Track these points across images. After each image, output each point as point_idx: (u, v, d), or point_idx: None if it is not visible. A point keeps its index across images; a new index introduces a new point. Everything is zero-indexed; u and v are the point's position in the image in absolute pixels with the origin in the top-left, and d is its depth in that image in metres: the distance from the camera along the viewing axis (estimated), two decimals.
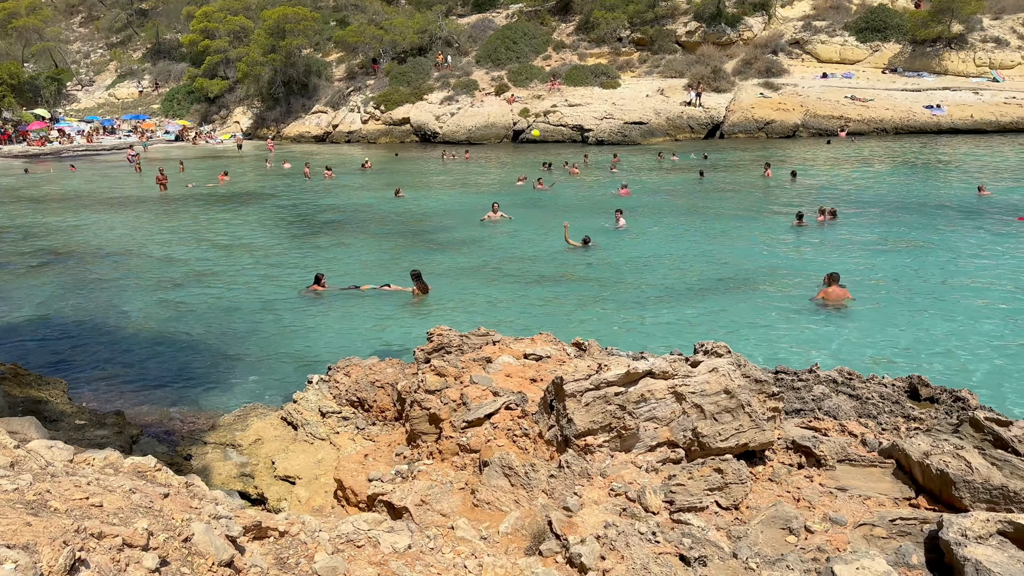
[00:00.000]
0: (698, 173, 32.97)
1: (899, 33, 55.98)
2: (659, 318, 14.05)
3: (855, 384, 7.44)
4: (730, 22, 60.35)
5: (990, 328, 13.08)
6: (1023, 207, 23.32)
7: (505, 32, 63.56)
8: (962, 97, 48.86)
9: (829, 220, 21.74)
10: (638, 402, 5.29)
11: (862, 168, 34.10)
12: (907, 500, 5.22)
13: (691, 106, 51.66)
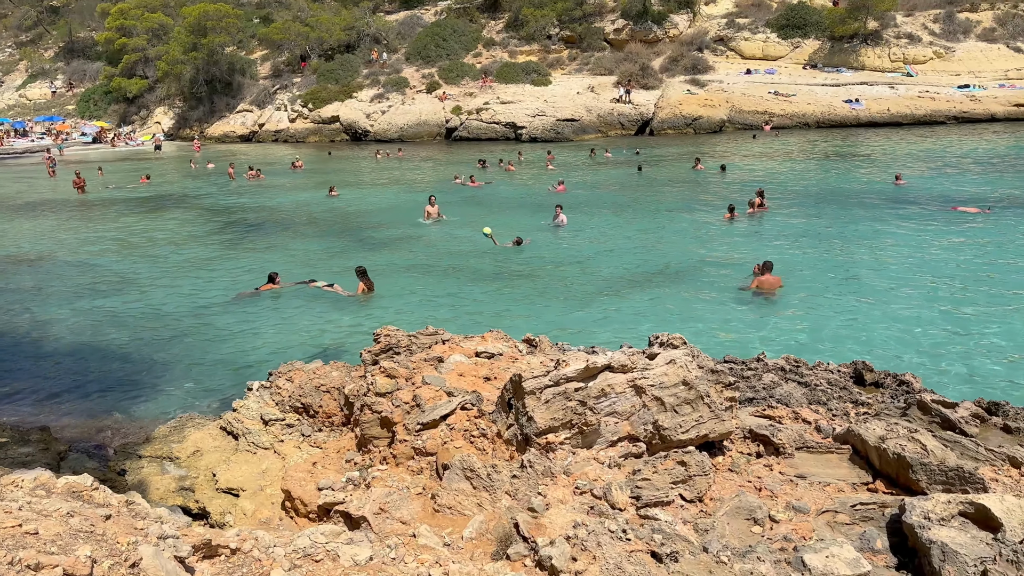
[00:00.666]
0: (636, 168, 33.38)
1: (818, 30, 57.78)
2: (603, 311, 14.06)
3: (803, 371, 7.53)
4: (656, 20, 61.26)
5: (913, 312, 13.51)
6: (936, 195, 24.32)
7: (434, 29, 63.13)
8: (879, 91, 50.75)
9: (758, 211, 22.24)
10: (598, 397, 5.20)
11: (787, 161, 35.04)
12: (865, 485, 5.26)
13: (621, 103, 52.25)
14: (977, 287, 14.82)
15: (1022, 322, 12.79)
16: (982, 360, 11.37)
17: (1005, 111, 47.38)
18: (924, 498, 4.48)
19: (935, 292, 14.62)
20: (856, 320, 13.23)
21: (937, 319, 13.14)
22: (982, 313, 13.32)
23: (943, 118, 47.64)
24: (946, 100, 49.02)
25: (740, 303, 14.40)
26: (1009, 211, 21.50)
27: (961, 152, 35.17)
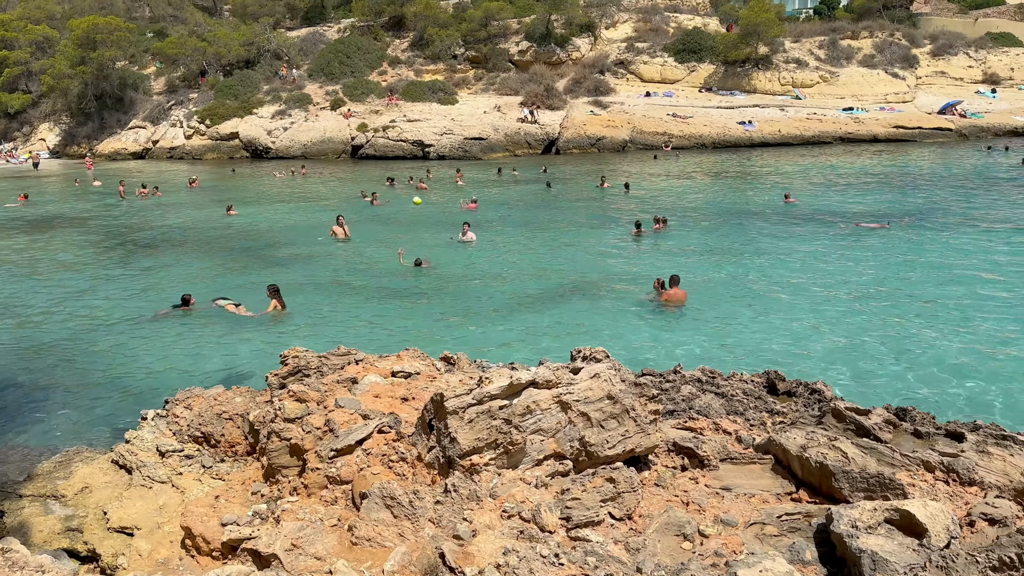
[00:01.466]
0: (545, 184, 33.65)
1: (712, 54, 60.09)
2: (517, 328, 13.94)
3: (718, 382, 7.57)
4: (559, 42, 62.34)
5: (813, 322, 14.00)
6: (824, 211, 25.52)
7: (338, 46, 62.25)
8: (770, 114, 53.10)
9: (663, 228, 22.74)
10: (524, 414, 5.01)
11: (687, 180, 36.10)
12: (789, 495, 5.26)
13: (527, 123, 52.77)
14: (874, 298, 15.49)
15: (920, 330, 13.40)
16: (880, 367, 11.82)
17: (886, 132, 50.35)
18: (850, 506, 4.48)
19: (832, 303, 15.20)
20: (759, 331, 13.58)
21: (837, 328, 13.63)
22: (881, 322, 13.90)
23: (830, 139, 50.20)
24: (832, 122, 51.71)
25: (649, 317, 14.57)
26: (907, 225, 22.73)
27: (847, 171, 37.10)
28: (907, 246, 20.12)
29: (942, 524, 4.21)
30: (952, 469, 5.36)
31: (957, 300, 15.08)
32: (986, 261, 18.24)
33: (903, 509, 4.30)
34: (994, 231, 21.59)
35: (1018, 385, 10.91)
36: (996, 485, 5.35)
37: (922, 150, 45.64)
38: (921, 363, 11.90)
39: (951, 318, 13.99)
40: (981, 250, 19.37)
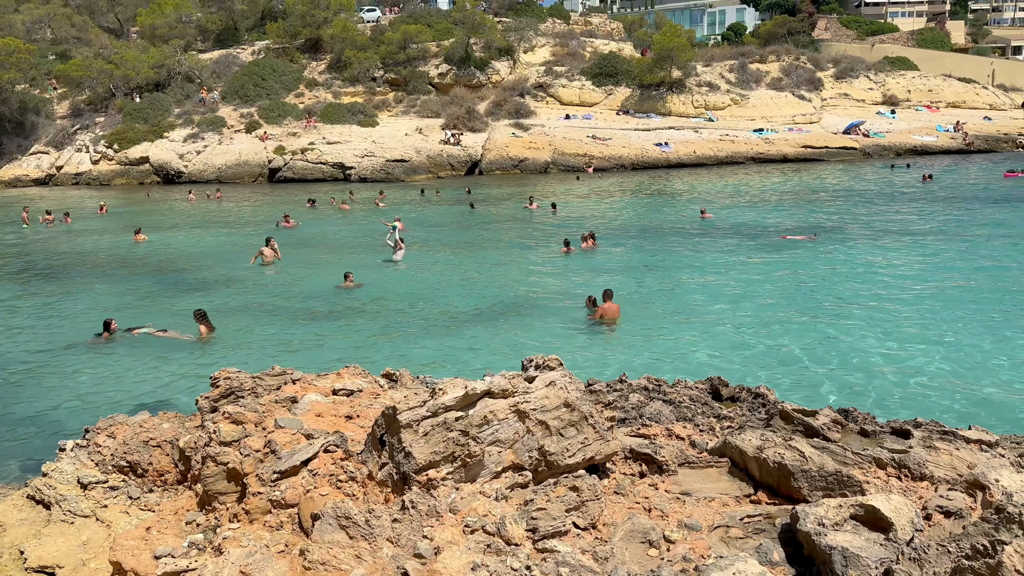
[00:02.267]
0: (469, 205, 33.59)
1: (628, 78, 61.56)
2: (451, 345, 13.73)
3: (665, 389, 7.54)
4: (479, 66, 62.78)
5: (736, 329, 14.31)
6: (737, 226, 26.34)
7: (252, 68, 61.03)
8: (685, 135, 54.65)
9: (591, 245, 22.97)
10: (481, 425, 4.82)
11: (611, 199, 36.71)
12: (748, 497, 5.22)
13: (449, 144, 52.77)
14: (798, 305, 15.93)
15: (845, 335, 13.81)
16: (809, 371, 12.11)
17: (795, 152, 52.47)
18: (815, 504, 4.46)
19: (759, 311, 15.56)
20: (691, 341, 13.77)
21: (765, 335, 13.93)
22: (808, 328, 14.27)
23: (742, 159, 51.97)
24: (744, 143, 53.57)
25: (583, 332, 14.59)
26: (827, 238, 23.55)
27: (759, 188, 38.44)
28: (827, 256, 20.86)
29: (907, 517, 4.22)
30: (903, 465, 5.43)
31: (877, 305, 15.65)
32: (900, 268, 19.04)
33: (868, 504, 4.29)
34: (908, 240, 22.61)
35: (939, 382, 11.33)
36: (945, 479, 5.45)
37: (830, 168, 47.71)
38: (850, 366, 12.24)
39: (873, 322, 14.50)
40: (896, 258, 20.24)
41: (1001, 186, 35.92)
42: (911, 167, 45.19)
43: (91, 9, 70.46)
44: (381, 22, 71.67)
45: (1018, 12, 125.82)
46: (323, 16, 63.85)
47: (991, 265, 19.28)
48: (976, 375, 11.74)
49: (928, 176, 38.74)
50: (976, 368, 12.02)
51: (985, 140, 55.95)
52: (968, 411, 10.33)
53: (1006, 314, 14.80)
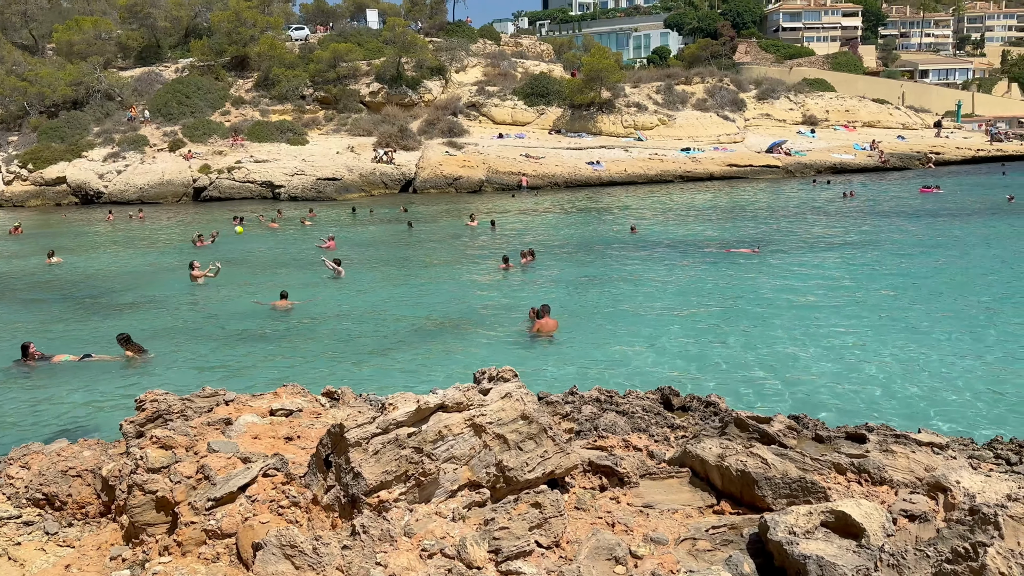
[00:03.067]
0: (406, 224, 33.19)
1: (559, 98, 62.22)
2: (392, 363, 13.36)
3: (617, 400, 7.39)
4: (411, 85, 62.55)
5: (676, 339, 14.38)
6: (668, 241, 26.76)
7: (176, 86, 59.36)
8: (616, 154, 55.44)
9: (530, 260, 22.92)
10: (435, 441, 4.54)
11: (546, 216, 36.83)
12: (710, 507, 5.06)
13: (383, 163, 52.24)
14: (731, 315, 16.10)
15: (783, 342, 13.97)
16: (753, 378, 12.17)
17: (721, 170, 53.75)
18: (784, 512, 4.32)
19: (695, 321, 15.67)
20: (632, 353, 13.72)
21: (704, 344, 13.99)
22: (745, 335, 14.40)
23: (671, 177, 52.96)
24: (672, 162, 54.63)
25: (524, 347, 14.41)
26: (764, 251, 23.99)
27: (688, 205, 39.20)
28: (761, 268, 21.24)
29: (877, 523, 4.12)
30: (863, 469, 5.37)
31: (810, 313, 15.94)
32: (831, 278, 19.50)
33: (838, 511, 4.18)
34: (836, 252, 23.21)
35: (880, 388, 11.52)
36: (904, 482, 5.40)
37: (755, 186, 49.01)
38: (787, 372, 12.36)
39: (807, 330, 14.73)
40: (826, 269, 20.73)
41: (917, 201, 37.46)
42: (831, 184, 46.79)
43: (3, 25, 67.49)
44: (310, 40, 70.79)
45: (924, 38, 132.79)
46: (249, 34, 62.69)
47: (914, 274, 19.94)
48: (909, 379, 11.99)
49: (851, 193, 40.16)
50: (909, 372, 12.29)
51: (899, 158, 58.43)
52: (906, 412, 10.49)
53: (933, 320, 15.26)
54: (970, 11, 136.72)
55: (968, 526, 3.70)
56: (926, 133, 69.93)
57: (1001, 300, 16.97)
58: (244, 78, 63.24)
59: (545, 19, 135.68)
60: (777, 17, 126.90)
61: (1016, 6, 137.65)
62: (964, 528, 3.69)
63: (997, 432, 9.65)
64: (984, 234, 26.79)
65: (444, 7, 78.39)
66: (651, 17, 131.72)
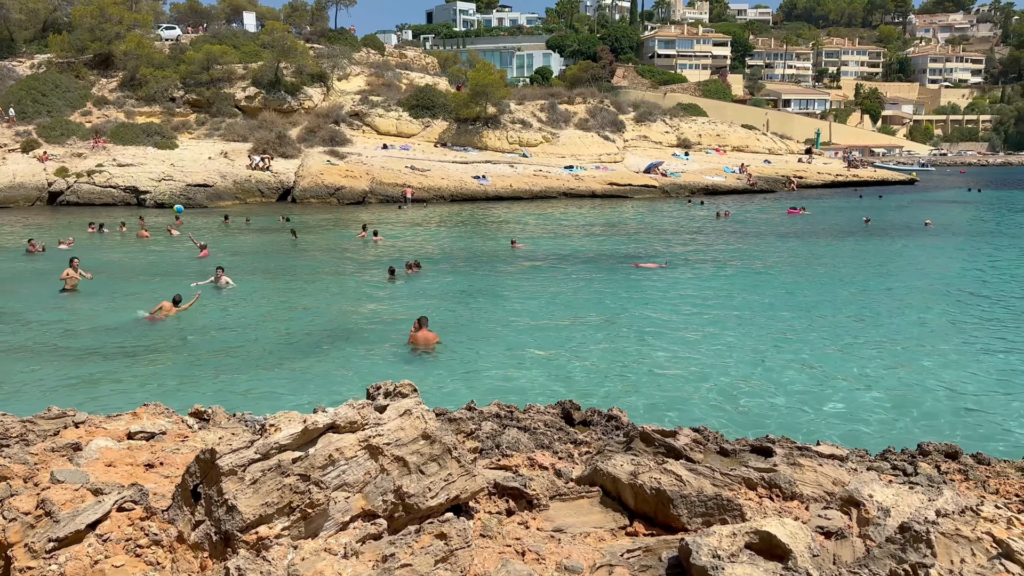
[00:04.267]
0: (290, 233, 31.85)
1: (445, 112, 61.95)
2: (271, 379, 12.49)
3: (517, 416, 7.02)
4: (290, 90, 60.66)
5: (562, 352, 14.25)
6: (546, 254, 26.94)
7: (31, 83, 55.02)
8: (501, 169, 55.63)
9: (416, 271, 22.39)
10: (325, 467, 3.99)
11: (432, 228, 36.34)
12: (623, 529, 4.74)
13: (259, 170, 50.17)
14: (614, 328, 16.14)
15: (667, 353, 14.05)
16: (641, 389, 12.11)
17: (603, 188, 54.92)
18: (706, 534, 4.04)
19: (582, 331, 15.61)
20: (519, 365, 13.44)
21: (587, 357, 13.89)
22: (632, 348, 14.41)
23: (555, 193, 53.62)
24: (556, 178, 55.37)
25: (410, 360, 13.85)
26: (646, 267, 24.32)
27: (571, 221, 39.75)
28: (645, 282, 21.56)
29: (803, 543, 3.90)
30: (774, 484, 5.21)
31: (692, 326, 16.20)
32: (708, 293, 19.99)
33: (763, 531, 3.93)
34: (707, 267, 23.91)
35: (774, 399, 11.71)
36: (814, 496, 5.28)
37: (634, 204, 50.35)
38: (678, 384, 12.39)
39: (692, 342, 14.92)
40: (704, 284, 21.26)
41: (786, 221, 39.46)
42: (705, 204, 48.68)
43: None
44: (181, 41, 67.44)
45: (787, 69, 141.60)
46: (115, 31, 59.04)
47: (790, 289, 20.77)
48: (789, 389, 12.28)
49: (725, 213, 41.86)
50: (790, 382, 12.59)
51: (766, 181, 61.61)
52: (788, 422, 10.67)
53: (810, 331, 15.83)
54: (827, 46, 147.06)
55: (899, 544, 3.54)
56: (790, 158, 74.24)
57: (870, 314, 17.87)
58: (108, 77, 59.39)
59: (429, 33, 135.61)
60: (653, 44, 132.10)
61: (867, 43, 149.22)
62: (895, 547, 3.52)
63: (874, 440, 9.95)
64: (850, 252, 28.44)
65: (326, 14, 76.70)
66: (534, 38, 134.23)
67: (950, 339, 15.56)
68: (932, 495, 4.62)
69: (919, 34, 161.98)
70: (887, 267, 25.17)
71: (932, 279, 23.10)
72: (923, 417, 11.10)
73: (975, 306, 18.89)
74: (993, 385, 12.55)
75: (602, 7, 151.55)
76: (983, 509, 4.13)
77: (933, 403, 11.71)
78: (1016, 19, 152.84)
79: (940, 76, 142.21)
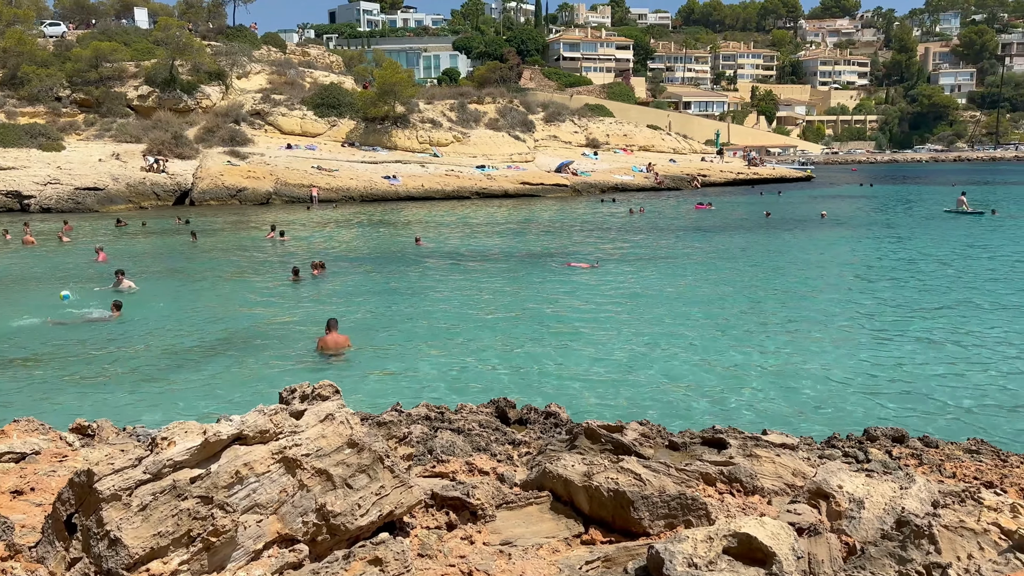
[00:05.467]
0: (190, 235, 30.25)
1: (352, 111, 60.49)
2: (165, 389, 11.45)
3: (449, 416, 6.44)
4: (186, 89, 58.04)
5: (481, 350, 13.75)
6: (452, 253, 26.44)
7: None
8: (412, 169, 54.68)
9: (321, 272, 21.47)
10: (231, 486, 3.33)
11: (340, 229, 35.22)
12: (577, 537, 4.25)
13: (154, 172, 47.64)
14: (528, 325, 15.74)
15: (583, 345, 13.71)
16: (559, 386, 11.70)
17: (515, 188, 54.71)
18: (679, 539, 3.58)
19: (493, 331, 15.14)
20: (440, 366, 12.85)
21: (508, 355, 13.42)
22: (544, 344, 14.00)
23: (468, 193, 53.08)
24: (468, 178, 54.84)
25: (318, 363, 13.03)
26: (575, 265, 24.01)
27: (483, 220, 39.32)
28: (559, 279, 21.26)
29: (787, 545, 3.49)
30: (734, 479, 4.83)
31: (617, 321, 15.95)
32: (624, 287, 19.86)
33: (742, 533, 3.50)
34: (634, 263, 23.86)
35: (687, 390, 11.49)
36: (775, 490, 4.93)
37: (547, 203, 50.32)
38: (605, 379, 12.05)
39: (611, 336, 14.65)
40: (618, 279, 21.13)
41: (694, 217, 40.16)
42: (616, 201, 49.14)
43: None
44: (67, 37, 63.51)
45: (687, 72, 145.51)
46: None
47: (702, 281, 20.87)
48: (707, 379, 12.12)
49: (640, 209, 42.38)
50: (714, 372, 12.44)
51: (672, 179, 62.82)
52: (718, 412, 10.46)
53: (737, 324, 15.81)
54: (724, 50, 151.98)
55: (898, 542, 3.17)
56: (693, 157, 76.06)
57: (783, 302, 18.07)
58: None
59: (332, 33, 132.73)
60: (558, 47, 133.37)
61: (762, 47, 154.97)
62: (894, 545, 3.15)
63: (795, 427, 9.83)
64: (753, 243, 29.07)
65: (223, 11, 73.89)
66: (440, 39, 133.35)
67: (858, 325, 15.85)
68: (903, 483, 4.32)
69: (809, 38, 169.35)
70: (786, 256, 26.04)
71: (827, 267, 23.93)
72: (830, 400, 11.10)
73: (870, 292, 19.46)
74: (892, 367, 12.74)
75: (507, 10, 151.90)
76: (984, 497, 3.82)
77: (822, 385, 11.75)
78: (897, 24, 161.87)
79: (830, 78, 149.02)
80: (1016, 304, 17.70)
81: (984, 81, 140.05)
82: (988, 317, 16.41)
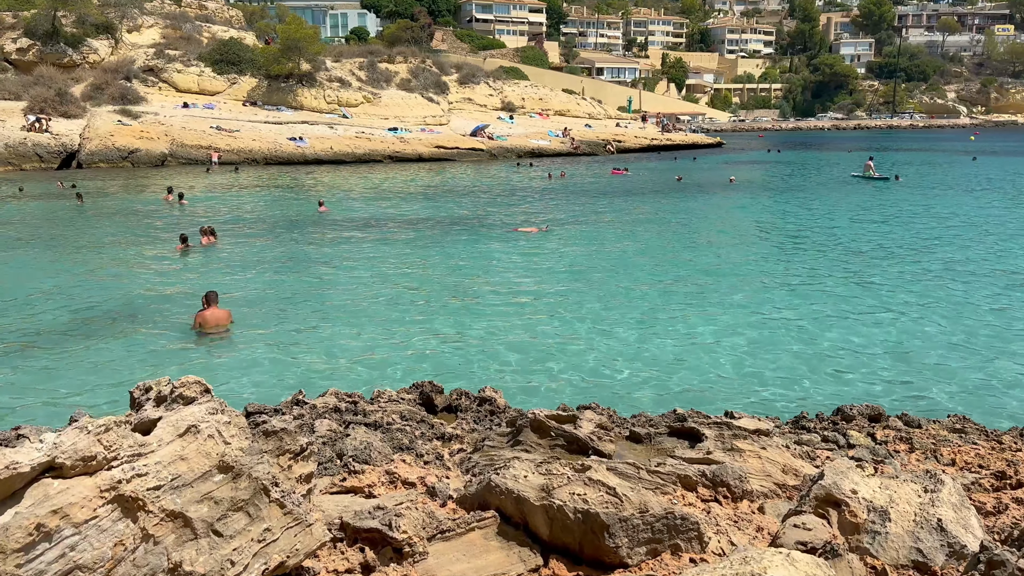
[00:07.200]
0: (76, 197, 27.73)
1: (254, 67, 57.26)
2: (25, 374, 9.86)
3: (364, 407, 5.36)
4: (71, 43, 53.66)
5: (388, 327, 12.63)
6: (356, 218, 25.12)
7: None
8: (320, 131, 52.21)
9: (212, 241, 19.72)
10: (31, 546, 2.20)
11: (243, 193, 33.10)
12: (535, 573, 3.28)
13: (35, 131, 43.78)
14: (440, 296, 14.70)
15: (503, 319, 12.78)
16: (485, 362, 10.75)
17: (429, 152, 53.01)
18: None
19: (405, 305, 14.03)
20: (344, 346, 11.62)
21: (428, 333, 12.37)
22: (462, 316, 13.02)
23: (380, 157, 51.08)
24: (380, 141, 52.78)
25: (200, 344, 11.58)
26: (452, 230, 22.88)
27: (395, 185, 37.79)
28: (470, 247, 20.23)
29: None
30: (719, 482, 3.95)
31: (541, 290, 15.08)
32: (551, 255, 19.02)
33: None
34: (559, 228, 23.01)
35: (606, 366, 10.72)
36: (765, 492, 4.08)
37: (462, 167, 48.93)
38: (534, 354, 11.15)
39: (545, 308, 13.78)
40: (544, 246, 20.27)
41: (610, 181, 39.70)
42: (534, 166, 48.25)
43: None
44: None
45: (599, 38, 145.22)
46: None
47: (625, 245, 20.24)
48: (635, 353, 11.42)
49: (562, 174, 41.70)
50: (639, 347, 11.74)
51: (588, 144, 62.29)
52: (636, 384, 9.74)
53: (662, 289, 15.18)
54: (635, 16, 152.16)
55: None
56: (608, 123, 75.77)
57: (703, 268, 17.60)
58: None
59: None
60: (470, 8, 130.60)
61: (672, 14, 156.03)
62: None
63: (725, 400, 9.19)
64: (665, 206, 28.91)
65: None
66: None
67: (772, 284, 15.50)
68: (928, 484, 3.53)
69: (717, 6, 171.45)
70: (695, 218, 26.20)
71: (736, 228, 23.97)
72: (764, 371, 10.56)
73: (791, 249, 19.33)
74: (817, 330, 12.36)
75: None
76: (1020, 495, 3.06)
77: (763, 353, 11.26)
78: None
79: (737, 47, 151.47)
80: (914, 271, 17.72)
81: (882, 52, 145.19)
82: (901, 277, 16.39)
